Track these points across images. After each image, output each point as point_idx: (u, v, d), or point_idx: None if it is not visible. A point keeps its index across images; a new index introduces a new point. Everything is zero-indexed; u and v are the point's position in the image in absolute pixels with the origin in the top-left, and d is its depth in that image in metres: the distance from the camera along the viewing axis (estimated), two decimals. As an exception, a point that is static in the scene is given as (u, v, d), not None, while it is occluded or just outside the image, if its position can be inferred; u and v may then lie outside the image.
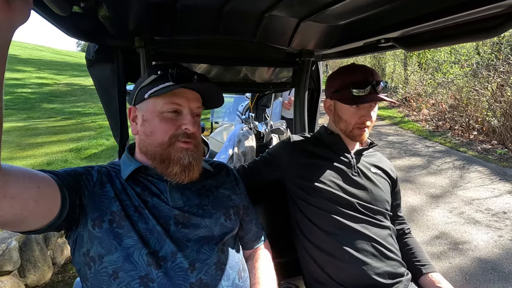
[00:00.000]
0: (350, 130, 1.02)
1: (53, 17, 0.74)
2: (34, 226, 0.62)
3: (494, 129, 5.50)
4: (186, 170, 0.74)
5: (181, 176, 0.75)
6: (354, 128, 1.01)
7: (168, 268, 0.68)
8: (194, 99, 0.79)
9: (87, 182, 0.72)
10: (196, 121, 0.80)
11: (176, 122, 0.75)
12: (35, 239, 2.14)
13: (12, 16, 0.49)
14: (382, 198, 1.01)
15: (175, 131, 0.75)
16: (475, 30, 0.78)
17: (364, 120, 0.99)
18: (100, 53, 1.02)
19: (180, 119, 0.76)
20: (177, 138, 0.75)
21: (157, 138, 0.74)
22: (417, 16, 0.79)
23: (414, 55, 10.11)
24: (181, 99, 0.75)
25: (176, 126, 0.75)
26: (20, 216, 0.57)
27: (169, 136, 0.74)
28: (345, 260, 0.91)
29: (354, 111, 1.00)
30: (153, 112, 0.75)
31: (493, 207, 3.24)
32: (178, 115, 0.76)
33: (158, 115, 0.75)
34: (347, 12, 0.94)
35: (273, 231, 1.10)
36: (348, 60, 14.10)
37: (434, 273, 0.98)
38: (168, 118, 0.75)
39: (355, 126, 1.00)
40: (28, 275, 2.06)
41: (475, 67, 6.32)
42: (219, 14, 0.93)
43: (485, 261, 2.39)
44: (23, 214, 0.57)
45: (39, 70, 12.35)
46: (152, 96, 0.75)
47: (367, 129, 1.01)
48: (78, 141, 4.56)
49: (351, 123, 1.01)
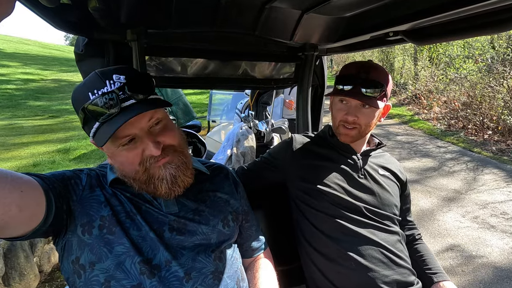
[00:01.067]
0: (336, 126, 1.03)
1: (39, 9, 0.74)
2: (17, 232, 0.62)
3: (510, 129, 5.50)
4: (174, 185, 0.72)
5: (172, 192, 0.73)
6: (340, 126, 1.01)
7: (162, 277, 0.68)
8: (139, 119, 0.68)
9: (76, 186, 0.72)
10: (161, 130, 0.72)
11: (137, 150, 0.69)
12: (21, 246, 2.14)
13: None
14: (390, 202, 1.01)
15: (141, 158, 0.70)
16: (489, 23, 0.78)
17: (347, 118, 0.98)
18: (90, 46, 1.02)
19: (139, 145, 0.69)
20: (148, 161, 0.70)
21: (130, 170, 0.71)
22: (428, 8, 0.79)
23: (424, 49, 10.11)
24: (124, 130, 0.67)
25: (140, 153, 0.69)
26: (1, 221, 0.57)
27: (138, 164, 0.70)
28: (350, 267, 0.91)
29: (341, 107, 1.00)
30: (109, 149, 0.71)
31: (509, 211, 3.24)
32: (135, 141, 0.69)
33: (116, 152, 0.70)
34: (353, 3, 0.94)
35: (274, 238, 1.10)
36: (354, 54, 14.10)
37: (446, 281, 0.98)
38: (127, 151, 0.69)
39: (340, 123, 1.01)
40: (13, 283, 2.06)
41: (490, 62, 6.32)
42: (217, 5, 0.93)
43: (500, 269, 2.39)
44: (4, 219, 0.57)
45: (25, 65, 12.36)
46: None
47: (356, 130, 0.99)
48: (67, 141, 4.57)
49: (337, 119, 1.02)
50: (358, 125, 0.98)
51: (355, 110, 0.97)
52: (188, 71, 1.26)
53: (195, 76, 1.28)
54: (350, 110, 0.98)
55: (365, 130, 1.00)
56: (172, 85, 1.27)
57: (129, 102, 0.66)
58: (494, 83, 6.08)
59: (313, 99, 1.57)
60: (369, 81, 0.94)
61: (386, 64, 13.16)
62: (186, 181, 0.75)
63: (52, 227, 0.65)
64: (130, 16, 0.91)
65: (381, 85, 0.95)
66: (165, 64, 1.21)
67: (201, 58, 1.24)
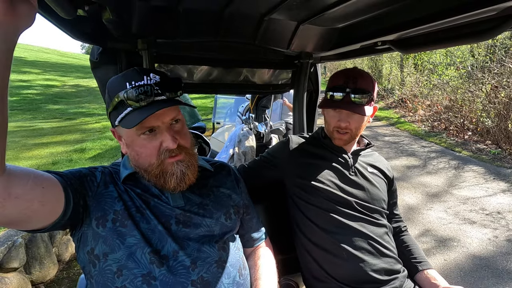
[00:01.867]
0: (330, 131, 1.03)
1: (58, 20, 0.75)
2: (38, 225, 0.62)
3: (488, 130, 5.50)
4: (182, 181, 0.73)
5: (178, 187, 0.74)
6: (334, 131, 1.01)
7: (170, 266, 0.68)
8: (165, 114, 0.71)
9: (91, 183, 0.72)
10: (178, 130, 0.74)
11: (156, 141, 0.71)
12: (41, 237, 2.14)
13: (17, 20, 0.48)
14: (379, 197, 1.01)
15: (158, 151, 0.71)
16: (470, 33, 0.78)
17: (340, 124, 0.98)
18: (104, 55, 1.02)
19: (159, 137, 0.71)
20: (163, 155, 0.71)
21: (145, 162, 0.72)
22: (413, 19, 0.78)
23: (410, 57, 10.11)
24: (151, 120, 0.69)
25: (158, 145, 0.71)
26: (24, 216, 0.57)
27: (155, 158, 0.71)
28: (342, 257, 0.92)
29: (334, 114, 1.00)
30: (130, 136, 0.72)
31: (487, 206, 3.24)
32: (155, 133, 0.71)
33: (136, 139, 0.71)
34: (344, 16, 0.94)
35: (272, 230, 1.10)
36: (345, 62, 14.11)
37: (430, 269, 0.98)
38: (147, 140, 0.71)
39: (334, 129, 1.01)
40: (33, 271, 2.06)
41: (470, 69, 6.32)
42: (220, 17, 0.93)
43: (479, 258, 2.39)
44: (27, 214, 0.57)
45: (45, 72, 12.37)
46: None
47: (348, 134, 1.00)
48: (83, 142, 4.57)
49: (331, 125, 1.02)
50: (350, 130, 0.99)
51: (346, 116, 0.98)
52: (194, 77, 1.26)
53: (201, 81, 1.28)
54: (342, 116, 0.98)
55: (356, 133, 1.01)
56: None
57: (160, 97, 0.69)
58: (473, 88, 6.08)
59: (308, 103, 1.57)
60: (357, 90, 0.95)
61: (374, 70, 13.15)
62: (191, 180, 0.76)
63: (69, 220, 0.66)
64: (141, 27, 0.91)
65: (368, 91, 0.95)
66: (173, 71, 1.21)
67: (206, 65, 1.24)
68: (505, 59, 5.43)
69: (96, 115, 6.87)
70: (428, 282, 0.95)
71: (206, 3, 0.86)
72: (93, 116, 6.77)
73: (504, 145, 5.00)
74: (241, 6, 0.87)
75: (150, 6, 0.83)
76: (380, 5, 0.82)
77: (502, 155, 4.79)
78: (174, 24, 0.91)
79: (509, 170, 4.18)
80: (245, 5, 0.87)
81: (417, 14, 0.77)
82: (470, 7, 0.64)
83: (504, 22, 0.69)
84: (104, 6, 0.76)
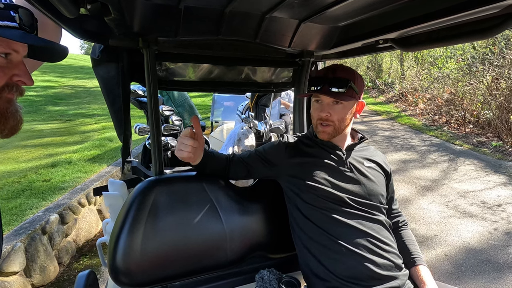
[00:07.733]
0: (315, 126, 1.04)
1: (61, 19, 0.74)
2: None
3: (489, 122, 5.51)
4: None
5: None
6: (318, 124, 1.02)
7: None
8: None
9: None
10: None
11: None
12: (40, 240, 2.15)
13: None
14: (376, 191, 1.01)
15: None
16: (471, 31, 0.78)
17: (321, 115, 1.00)
18: (105, 53, 1.02)
19: None
20: None
21: None
22: (414, 18, 0.79)
23: (410, 50, 10.05)
24: None
25: None
26: None
27: None
28: (342, 253, 0.92)
29: (317, 106, 1.02)
30: None
31: (488, 199, 3.26)
32: None
33: None
34: (345, 14, 0.94)
35: (272, 228, 1.11)
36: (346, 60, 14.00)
37: (421, 266, 0.99)
38: None
39: (318, 122, 1.02)
40: (34, 275, 2.07)
41: (470, 62, 6.30)
42: (221, 15, 0.93)
43: (480, 252, 2.41)
44: None
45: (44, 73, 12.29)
46: None
47: (331, 126, 1.00)
48: (82, 143, 4.57)
49: (315, 118, 1.03)
50: (332, 122, 1.00)
51: (327, 107, 0.99)
52: (195, 75, 1.26)
53: (201, 80, 1.28)
54: (323, 107, 1.00)
55: (340, 126, 1.01)
56: (180, 88, 1.27)
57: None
58: (474, 81, 6.07)
59: (309, 101, 1.57)
60: (336, 79, 0.97)
61: (374, 65, 13.09)
62: None
63: None
64: (142, 26, 0.91)
65: (346, 80, 0.96)
66: (174, 69, 1.21)
67: (206, 63, 1.24)
68: (506, 50, 5.40)
69: (96, 115, 6.85)
70: (416, 277, 0.97)
71: (208, 2, 0.86)
72: (93, 117, 6.74)
73: (506, 138, 5.01)
74: (242, 4, 0.87)
75: (151, 5, 0.83)
76: (381, 3, 0.82)
77: (503, 147, 4.80)
78: (175, 23, 0.91)
79: (511, 163, 4.19)
80: (246, 3, 0.87)
81: (418, 12, 0.77)
82: (471, 5, 0.64)
83: (506, 20, 0.69)
84: (105, 4, 0.76)
